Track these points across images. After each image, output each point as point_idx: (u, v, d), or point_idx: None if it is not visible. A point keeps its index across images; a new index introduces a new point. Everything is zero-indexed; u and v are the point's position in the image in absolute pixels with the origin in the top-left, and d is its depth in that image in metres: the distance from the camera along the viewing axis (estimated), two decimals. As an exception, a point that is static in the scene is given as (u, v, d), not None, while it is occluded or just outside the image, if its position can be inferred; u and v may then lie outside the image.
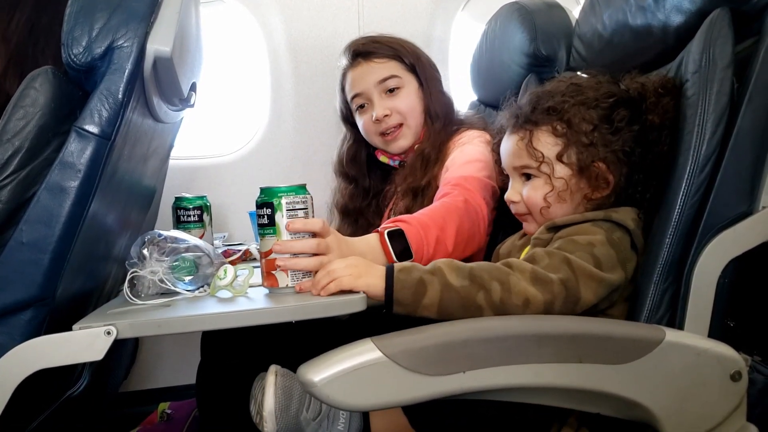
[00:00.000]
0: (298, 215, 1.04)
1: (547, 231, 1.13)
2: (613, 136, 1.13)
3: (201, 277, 1.10)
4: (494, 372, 0.97)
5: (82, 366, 1.33)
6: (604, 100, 1.14)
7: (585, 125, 1.13)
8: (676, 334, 1.04)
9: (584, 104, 1.14)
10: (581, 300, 1.01)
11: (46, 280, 0.99)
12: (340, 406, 0.94)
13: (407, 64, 1.61)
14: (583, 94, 1.16)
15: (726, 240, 1.08)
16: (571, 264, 1.02)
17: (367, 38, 1.64)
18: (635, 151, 1.13)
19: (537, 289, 0.99)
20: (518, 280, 1.00)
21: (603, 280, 1.03)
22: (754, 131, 1.08)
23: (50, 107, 1.00)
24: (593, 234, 1.07)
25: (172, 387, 2.08)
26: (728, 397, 1.04)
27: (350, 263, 1.02)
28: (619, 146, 1.12)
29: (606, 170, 1.14)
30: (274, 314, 1.00)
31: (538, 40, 1.64)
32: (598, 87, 1.17)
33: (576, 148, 1.14)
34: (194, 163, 2.10)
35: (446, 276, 0.99)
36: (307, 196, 1.06)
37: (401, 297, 0.99)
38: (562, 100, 1.15)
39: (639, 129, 1.13)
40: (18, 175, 0.98)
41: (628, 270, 1.09)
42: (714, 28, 1.11)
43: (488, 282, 0.99)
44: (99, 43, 1.00)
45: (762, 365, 1.12)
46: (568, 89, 1.17)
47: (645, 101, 1.14)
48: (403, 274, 1.00)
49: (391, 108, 1.58)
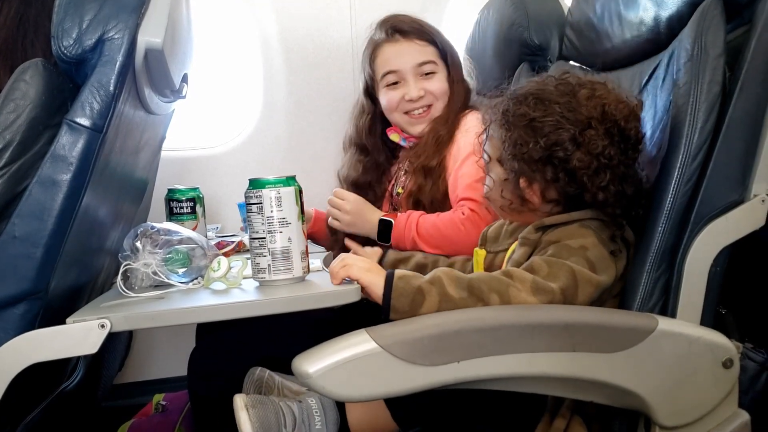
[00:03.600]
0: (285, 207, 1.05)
1: (534, 231, 1.12)
2: (547, 165, 1.08)
3: (194, 269, 1.10)
4: (488, 361, 0.97)
5: (77, 359, 1.33)
6: (554, 128, 1.07)
7: (523, 145, 1.09)
8: (668, 323, 1.05)
9: (531, 127, 1.09)
10: (576, 304, 1.03)
11: (38, 273, 0.99)
12: (335, 397, 0.94)
13: (441, 51, 1.62)
14: (537, 115, 1.09)
15: (718, 228, 1.08)
16: (573, 272, 1.02)
17: (408, 17, 1.64)
18: (564, 182, 1.09)
19: (538, 299, 1.00)
20: (518, 292, 1.00)
21: (599, 284, 1.04)
22: (745, 120, 1.08)
23: (41, 100, 0.99)
24: (583, 237, 1.07)
25: (167, 378, 2.08)
26: (720, 384, 1.05)
27: (365, 262, 1.04)
28: (549, 176, 1.08)
29: (527, 189, 1.12)
30: (268, 306, 1.00)
31: (531, 29, 1.64)
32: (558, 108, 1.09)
33: (510, 159, 1.12)
34: (186, 154, 2.09)
35: (445, 287, 0.99)
36: (294, 188, 1.06)
37: (398, 305, 0.98)
38: (521, 113, 1.11)
39: (573, 167, 1.07)
40: (9, 169, 0.97)
41: (619, 267, 1.09)
42: (706, 17, 1.11)
43: (487, 294, 0.99)
44: (89, 35, 1.00)
45: (753, 352, 1.13)
46: (535, 104, 1.10)
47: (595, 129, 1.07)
48: (402, 282, 0.99)
49: (425, 90, 1.59)
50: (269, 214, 1.04)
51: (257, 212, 1.04)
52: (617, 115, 1.07)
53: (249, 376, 1.27)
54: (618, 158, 1.07)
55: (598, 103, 1.08)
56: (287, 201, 1.04)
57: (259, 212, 1.04)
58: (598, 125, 1.06)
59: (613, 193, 1.07)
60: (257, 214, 1.04)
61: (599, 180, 1.06)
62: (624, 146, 1.08)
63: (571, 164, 1.06)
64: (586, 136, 1.06)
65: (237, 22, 2.13)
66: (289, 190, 1.05)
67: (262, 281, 1.06)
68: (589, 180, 1.06)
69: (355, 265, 1.03)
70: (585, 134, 1.06)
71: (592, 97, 1.09)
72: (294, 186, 1.06)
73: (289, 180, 1.06)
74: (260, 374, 1.25)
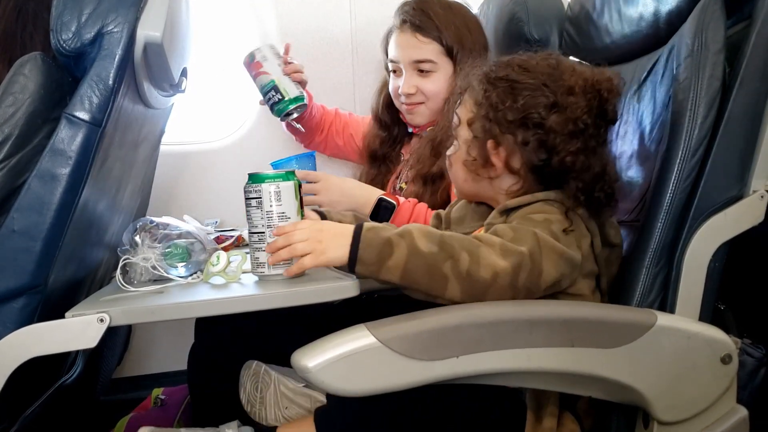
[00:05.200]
0: (284, 202, 1.04)
1: (499, 215, 1.11)
2: (520, 127, 1.08)
3: (194, 264, 1.10)
4: (487, 356, 0.97)
5: (76, 353, 1.33)
6: (533, 92, 1.08)
7: (500, 104, 1.09)
8: (667, 318, 1.05)
9: (512, 88, 1.09)
10: (544, 272, 0.99)
11: (38, 267, 0.99)
12: (334, 392, 0.94)
13: (446, 47, 1.58)
14: (520, 78, 1.10)
15: (717, 224, 1.08)
16: (537, 236, 1.00)
17: (419, 6, 1.60)
18: (533, 148, 1.08)
19: (508, 261, 0.96)
20: (488, 253, 0.96)
21: (564, 253, 1.01)
22: (745, 115, 1.08)
23: (40, 94, 0.99)
24: (548, 212, 1.06)
25: (166, 373, 2.08)
26: (718, 380, 1.06)
27: (314, 236, 0.98)
28: (520, 139, 1.08)
29: (494, 151, 1.10)
30: (266, 300, 1.00)
31: (530, 23, 1.64)
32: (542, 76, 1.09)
33: (483, 119, 1.11)
34: (185, 149, 2.09)
35: (415, 240, 0.95)
36: (293, 182, 1.06)
37: (365, 256, 0.95)
38: (503, 75, 1.11)
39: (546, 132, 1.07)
40: (8, 163, 0.97)
41: (584, 247, 1.07)
42: (706, 12, 1.11)
43: (458, 251, 0.95)
44: (88, 29, 0.99)
45: (752, 347, 1.13)
46: (520, 69, 1.11)
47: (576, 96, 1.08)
48: (371, 233, 0.96)
49: (417, 86, 1.59)
50: (268, 209, 1.04)
51: (256, 207, 1.04)
52: (601, 86, 1.08)
53: (245, 369, 1.27)
54: (592, 130, 1.07)
55: (581, 76, 1.09)
56: (286, 195, 1.04)
57: (258, 207, 1.04)
58: (581, 93, 1.07)
59: (580, 162, 1.06)
60: (256, 208, 1.04)
61: (571, 145, 1.06)
62: (600, 121, 1.08)
63: (546, 126, 1.06)
64: (568, 101, 1.06)
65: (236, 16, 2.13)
66: (289, 184, 1.04)
67: (262, 276, 1.06)
68: (562, 143, 1.06)
69: (306, 258, 0.98)
70: (567, 100, 1.06)
71: (575, 71, 1.10)
72: (293, 180, 1.05)
73: (288, 174, 1.05)
74: (256, 368, 1.25)
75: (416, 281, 0.96)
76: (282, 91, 1.56)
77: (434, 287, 0.96)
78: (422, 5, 1.60)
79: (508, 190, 1.12)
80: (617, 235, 1.14)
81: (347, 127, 1.84)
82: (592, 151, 1.07)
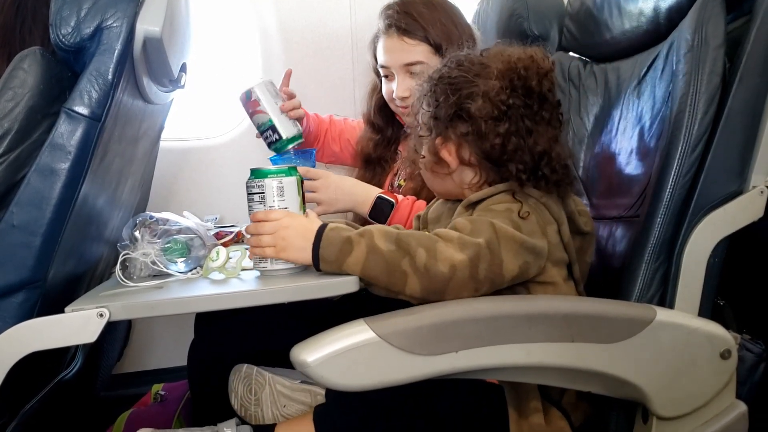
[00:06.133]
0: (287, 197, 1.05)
1: (464, 209, 1.12)
2: (458, 120, 1.10)
3: (193, 259, 1.10)
4: (486, 351, 0.97)
5: (75, 348, 1.33)
6: (464, 85, 1.10)
7: (439, 102, 1.12)
8: (666, 313, 1.05)
9: (446, 84, 1.12)
10: (504, 262, 0.99)
11: (37, 262, 0.99)
12: (333, 386, 0.94)
13: (435, 46, 1.57)
14: (454, 74, 1.13)
15: (716, 220, 1.08)
16: (494, 226, 1.01)
17: (402, 8, 1.58)
18: (474, 137, 1.10)
19: (465, 254, 0.97)
20: (445, 248, 0.98)
21: (524, 242, 1.01)
22: (744, 111, 1.08)
23: (39, 88, 0.99)
24: (510, 202, 1.07)
25: (166, 368, 2.08)
26: (718, 375, 1.06)
27: (280, 233, 1.01)
28: (460, 131, 1.10)
29: (442, 147, 1.13)
30: (266, 295, 1.00)
31: (530, 19, 1.64)
32: (473, 67, 1.12)
33: (428, 118, 1.14)
34: (185, 144, 2.09)
35: (374, 239, 0.98)
36: (296, 178, 1.06)
37: (326, 254, 0.98)
38: (439, 75, 1.15)
39: (474, 120, 1.09)
40: (8, 157, 0.97)
41: (550, 234, 1.07)
42: (706, 7, 1.11)
43: (414, 248, 0.97)
44: (88, 23, 0.99)
45: (751, 343, 1.13)
46: (456, 65, 1.14)
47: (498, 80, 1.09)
48: (333, 233, 1.00)
49: (411, 89, 1.57)
50: (271, 204, 1.04)
51: (259, 202, 1.05)
52: (519, 65, 1.08)
53: (235, 373, 1.25)
54: (521, 110, 1.07)
55: (506, 58, 1.10)
56: (289, 191, 1.05)
57: (261, 202, 1.05)
58: (502, 77, 1.08)
59: (513, 144, 1.07)
60: (259, 203, 1.05)
61: (497, 127, 1.07)
62: (528, 101, 1.08)
63: (472, 114, 1.08)
64: (489, 86, 1.07)
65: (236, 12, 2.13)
66: (291, 180, 1.05)
67: (264, 270, 1.06)
68: (487, 127, 1.07)
69: (267, 248, 1.02)
70: (489, 84, 1.08)
71: (502, 53, 1.11)
72: (296, 176, 1.06)
73: (291, 170, 1.06)
74: (247, 371, 1.24)
75: (376, 278, 0.98)
76: (279, 130, 1.55)
77: (394, 283, 0.98)
78: (405, 7, 1.58)
79: (470, 184, 1.14)
80: (588, 222, 1.15)
81: (343, 133, 1.83)
82: (527, 131, 1.08)
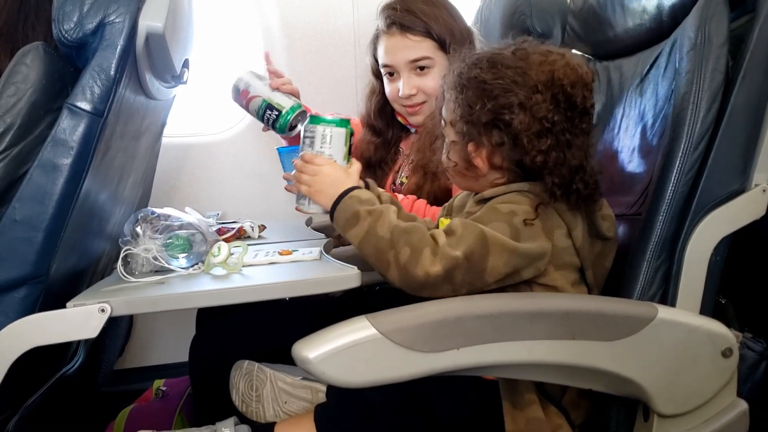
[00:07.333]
0: (333, 145, 1.13)
1: (476, 204, 1.12)
2: (494, 129, 1.08)
3: (195, 255, 1.10)
4: (488, 349, 0.97)
5: (77, 344, 1.34)
6: (502, 92, 1.07)
7: (473, 107, 1.09)
8: (668, 311, 1.05)
9: (482, 89, 1.08)
10: (488, 269, 1.00)
11: (39, 257, 0.99)
12: (335, 383, 0.94)
13: (439, 41, 1.56)
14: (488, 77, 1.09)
15: (718, 218, 1.08)
16: (484, 237, 1.00)
17: (403, 6, 1.57)
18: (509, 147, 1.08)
19: (439, 266, 0.99)
20: (427, 256, 0.99)
21: (516, 250, 1.01)
22: (747, 109, 1.08)
23: (42, 84, 0.99)
24: (518, 203, 1.05)
25: (167, 364, 2.08)
26: (719, 374, 1.06)
27: (317, 178, 1.11)
28: (495, 140, 1.08)
29: (474, 153, 1.11)
30: (267, 291, 1.00)
31: (533, 16, 1.63)
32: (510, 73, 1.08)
33: (460, 121, 1.11)
34: (187, 140, 2.09)
35: (377, 222, 1.03)
36: (345, 130, 1.14)
37: (338, 216, 1.06)
38: (473, 75, 1.11)
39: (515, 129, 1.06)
40: (10, 153, 0.97)
41: (557, 237, 1.06)
42: (709, 5, 1.11)
43: (402, 245, 1.00)
44: (90, 19, 0.99)
45: (753, 341, 1.13)
46: (488, 67, 1.10)
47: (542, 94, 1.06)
48: (350, 201, 1.06)
49: (418, 87, 1.56)
50: (318, 149, 1.13)
51: (309, 145, 1.14)
52: (564, 80, 1.06)
53: (236, 369, 1.25)
54: (563, 125, 1.06)
55: (548, 69, 1.07)
56: (336, 140, 1.13)
57: (310, 146, 1.13)
58: (545, 90, 1.05)
59: (553, 159, 1.05)
60: (309, 147, 1.14)
61: (540, 144, 1.05)
62: (570, 114, 1.06)
63: (513, 126, 1.05)
64: (532, 100, 1.05)
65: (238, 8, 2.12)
66: (340, 131, 1.13)
67: (301, 208, 1.16)
68: (530, 143, 1.05)
69: (302, 186, 1.11)
70: (532, 98, 1.05)
71: (543, 63, 1.08)
72: (345, 128, 1.13)
73: (342, 122, 1.13)
74: (248, 367, 1.24)
75: (367, 256, 1.03)
76: (276, 105, 1.52)
77: (379, 266, 1.02)
78: (405, 5, 1.57)
79: (493, 182, 1.13)
80: (611, 227, 1.13)
81: None
82: (566, 144, 1.06)
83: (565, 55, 1.10)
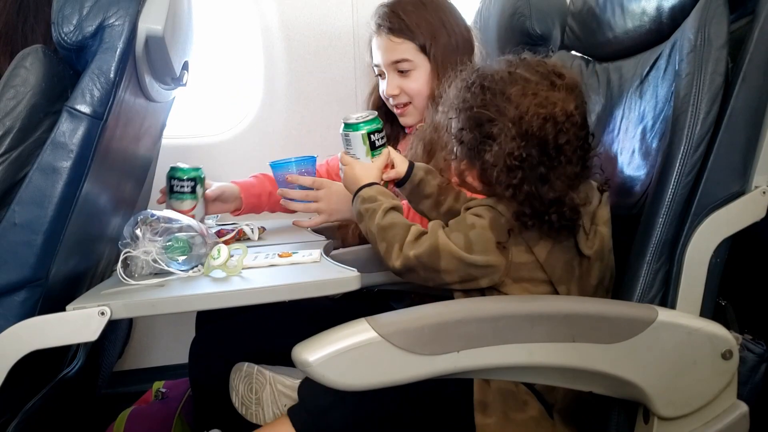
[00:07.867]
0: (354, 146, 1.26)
1: (464, 211, 1.13)
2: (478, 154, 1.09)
3: (194, 257, 1.10)
4: (488, 351, 0.97)
5: (77, 346, 1.33)
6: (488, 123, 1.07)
7: (464, 129, 1.11)
8: (668, 314, 1.05)
9: (471, 116, 1.10)
10: (442, 271, 1.06)
11: (39, 260, 0.99)
12: (334, 386, 0.94)
13: (420, 45, 1.56)
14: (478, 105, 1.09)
15: (718, 220, 1.08)
16: (436, 246, 1.05)
17: (390, 8, 1.59)
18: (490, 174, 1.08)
19: (399, 262, 1.07)
20: (396, 251, 1.08)
21: (464, 259, 1.04)
22: (747, 111, 1.08)
23: (41, 87, 0.99)
24: (481, 217, 1.07)
25: (167, 366, 2.09)
26: (719, 376, 1.06)
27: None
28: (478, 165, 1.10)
29: (467, 172, 1.14)
30: (267, 294, 1.00)
31: (533, 18, 1.63)
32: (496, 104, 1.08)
33: (456, 141, 1.14)
34: (187, 142, 2.09)
35: (369, 221, 1.13)
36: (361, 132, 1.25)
37: (356, 205, 1.19)
38: (465, 98, 1.12)
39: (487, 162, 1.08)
40: (9, 156, 0.97)
41: (513, 253, 1.06)
42: (709, 7, 1.11)
43: (379, 240, 1.11)
44: (90, 22, 0.99)
45: (753, 343, 1.13)
46: (481, 91, 1.10)
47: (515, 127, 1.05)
48: (368, 192, 1.17)
49: (400, 87, 1.58)
50: (346, 149, 1.29)
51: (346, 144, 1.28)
52: (534, 119, 1.03)
53: (236, 372, 1.26)
54: (538, 159, 1.04)
55: (523, 102, 1.05)
56: (355, 142, 1.25)
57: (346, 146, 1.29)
58: (517, 123, 1.04)
59: (524, 192, 1.04)
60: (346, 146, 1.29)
61: (509, 178, 1.05)
62: (545, 149, 1.04)
63: (485, 159, 1.07)
64: (503, 136, 1.05)
65: (238, 10, 2.13)
66: (356, 134, 1.25)
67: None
68: (498, 176, 1.06)
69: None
70: (503, 133, 1.05)
71: (522, 96, 1.06)
72: (361, 131, 1.25)
73: (357, 126, 1.25)
74: (248, 370, 1.24)
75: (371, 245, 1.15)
76: None
77: (379, 255, 1.13)
78: (393, 7, 1.59)
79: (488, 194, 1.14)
80: (595, 245, 1.11)
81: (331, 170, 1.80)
82: (541, 178, 1.04)
83: (550, 82, 1.07)
